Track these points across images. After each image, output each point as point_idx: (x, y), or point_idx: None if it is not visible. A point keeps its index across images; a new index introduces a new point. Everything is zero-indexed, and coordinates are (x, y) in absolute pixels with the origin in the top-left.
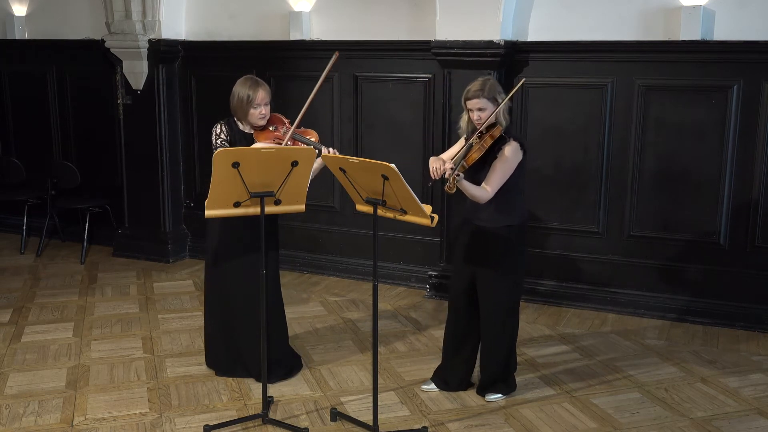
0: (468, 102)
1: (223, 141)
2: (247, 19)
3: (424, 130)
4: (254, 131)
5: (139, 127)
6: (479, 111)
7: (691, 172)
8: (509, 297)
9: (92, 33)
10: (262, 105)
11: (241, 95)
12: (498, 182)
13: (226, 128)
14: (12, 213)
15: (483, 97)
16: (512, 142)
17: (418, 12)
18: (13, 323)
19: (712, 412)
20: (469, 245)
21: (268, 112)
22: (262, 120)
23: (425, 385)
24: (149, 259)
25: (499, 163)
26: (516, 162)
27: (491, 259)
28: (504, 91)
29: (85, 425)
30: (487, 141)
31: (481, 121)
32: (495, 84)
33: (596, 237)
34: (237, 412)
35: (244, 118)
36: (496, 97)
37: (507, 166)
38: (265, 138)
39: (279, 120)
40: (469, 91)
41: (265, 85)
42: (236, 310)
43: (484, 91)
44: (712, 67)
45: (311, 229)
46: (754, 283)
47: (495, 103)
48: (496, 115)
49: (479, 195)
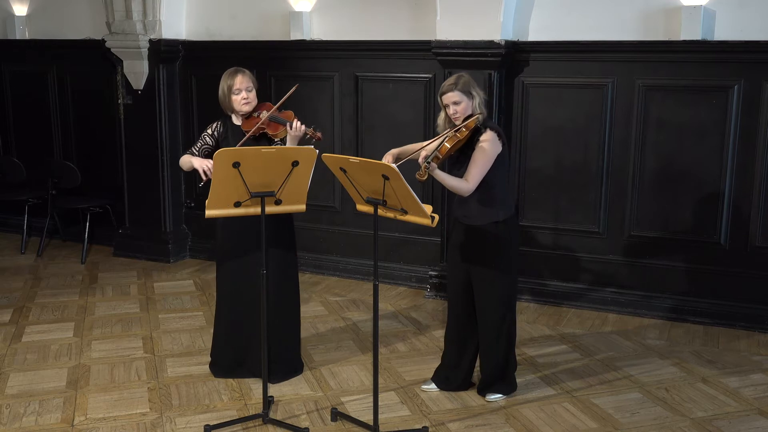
0: (443, 97)
1: (208, 135)
2: (248, 19)
3: (424, 130)
4: (242, 121)
5: (140, 127)
6: (454, 105)
7: (691, 172)
8: (504, 293)
9: (93, 33)
10: (243, 90)
11: (222, 86)
12: (477, 173)
13: (219, 125)
14: (12, 213)
15: (457, 90)
16: (489, 132)
17: (419, 12)
18: (14, 323)
19: (712, 412)
20: (460, 244)
21: (252, 97)
22: (247, 105)
23: (425, 385)
24: (150, 259)
25: (478, 154)
26: (495, 152)
27: (483, 257)
28: (478, 88)
29: (86, 425)
30: (462, 132)
31: (457, 114)
32: (469, 79)
33: (596, 237)
34: (237, 412)
35: (231, 108)
36: (471, 91)
37: (486, 158)
38: (250, 125)
39: (265, 106)
40: (444, 86)
41: (245, 71)
42: (245, 310)
43: (458, 84)
44: (713, 67)
45: (312, 229)
46: (755, 283)
47: (470, 96)
48: (472, 107)
49: (458, 186)
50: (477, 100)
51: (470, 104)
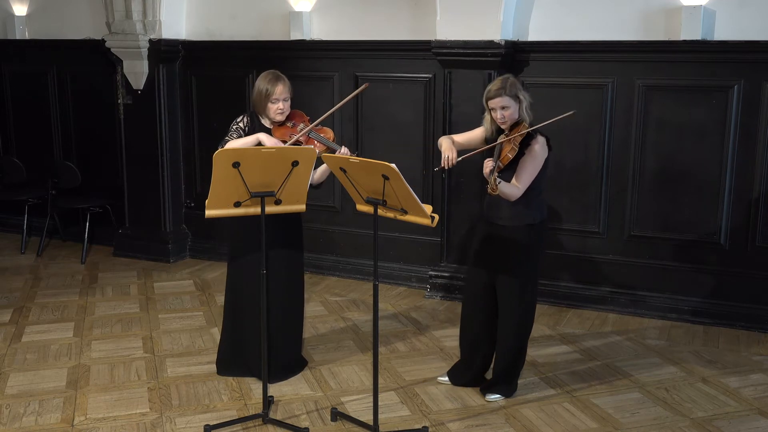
0: (490, 102)
1: (240, 129)
2: (248, 19)
3: (424, 130)
4: (273, 126)
5: (140, 127)
6: (502, 110)
7: (691, 172)
8: (528, 297)
9: (93, 33)
10: (280, 100)
11: (260, 89)
12: (528, 179)
13: (248, 119)
14: (13, 213)
15: (505, 95)
16: (539, 138)
17: (419, 12)
18: (14, 323)
19: (712, 412)
20: (487, 245)
21: (287, 108)
22: (280, 115)
23: (441, 377)
24: (150, 259)
25: (529, 160)
26: (543, 158)
27: (512, 259)
28: (524, 90)
29: (86, 425)
30: (517, 139)
31: (505, 119)
32: (515, 82)
33: (597, 237)
34: (237, 412)
35: (263, 112)
36: (518, 95)
37: (536, 163)
38: (282, 134)
39: (299, 116)
40: (490, 90)
41: (286, 80)
42: (249, 310)
43: (506, 89)
44: (713, 67)
45: (312, 229)
46: (755, 283)
47: (517, 101)
48: (519, 112)
49: (511, 193)
50: (525, 104)
51: (517, 108)
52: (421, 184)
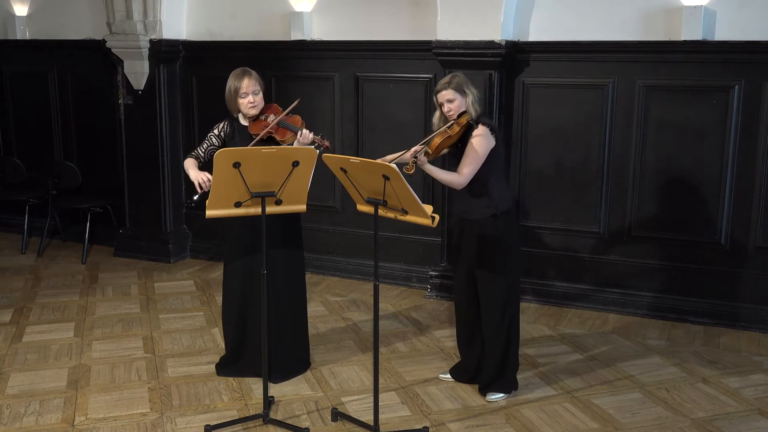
0: (438, 95)
1: (215, 135)
2: (248, 20)
3: (425, 130)
4: (249, 123)
5: (140, 127)
6: (448, 102)
7: (691, 172)
8: (503, 289)
9: (93, 33)
10: (249, 93)
11: (229, 87)
12: (470, 166)
13: (226, 125)
14: (13, 213)
15: (450, 88)
16: (481, 127)
17: (419, 12)
18: (14, 323)
19: (713, 413)
20: (462, 241)
21: (258, 101)
22: (254, 109)
23: (443, 374)
24: (150, 259)
25: (470, 148)
26: (487, 146)
27: (482, 252)
28: (472, 86)
29: (86, 425)
30: (453, 128)
31: (451, 112)
32: (463, 78)
33: (597, 237)
34: (238, 412)
35: (237, 110)
36: (464, 89)
37: (477, 151)
38: (257, 128)
39: (272, 109)
40: (438, 85)
41: (253, 73)
42: (247, 311)
43: (451, 83)
44: (713, 67)
45: (312, 229)
46: (755, 283)
47: (463, 94)
48: (466, 105)
49: (450, 179)
50: (471, 98)
51: (464, 102)
52: (422, 184)
